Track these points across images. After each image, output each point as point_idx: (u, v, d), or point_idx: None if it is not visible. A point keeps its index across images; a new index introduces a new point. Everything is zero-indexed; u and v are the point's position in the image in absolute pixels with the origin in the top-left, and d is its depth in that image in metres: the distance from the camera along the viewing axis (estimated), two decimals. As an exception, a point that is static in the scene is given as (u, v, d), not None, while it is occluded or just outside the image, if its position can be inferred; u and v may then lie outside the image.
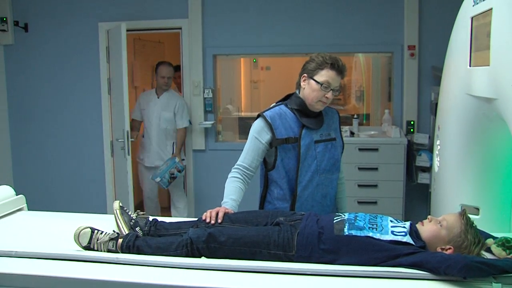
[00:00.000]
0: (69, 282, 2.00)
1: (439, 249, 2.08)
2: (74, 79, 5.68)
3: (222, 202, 2.60)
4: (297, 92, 2.76)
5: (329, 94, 2.63)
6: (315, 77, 2.64)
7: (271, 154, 2.71)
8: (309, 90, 2.66)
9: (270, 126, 2.66)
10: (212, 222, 2.36)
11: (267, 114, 2.71)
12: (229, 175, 2.70)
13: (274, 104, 2.82)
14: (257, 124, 2.71)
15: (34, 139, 5.84)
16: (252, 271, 2.01)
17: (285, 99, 2.81)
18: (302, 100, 2.70)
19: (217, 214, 2.40)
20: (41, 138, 5.82)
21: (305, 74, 2.69)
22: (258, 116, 2.73)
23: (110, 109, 5.56)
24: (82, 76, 5.66)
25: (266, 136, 2.67)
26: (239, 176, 2.67)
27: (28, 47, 5.71)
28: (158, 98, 5.30)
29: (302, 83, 2.70)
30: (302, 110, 2.70)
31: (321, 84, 2.62)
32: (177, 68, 5.75)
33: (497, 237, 2.19)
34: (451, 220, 2.12)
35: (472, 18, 2.37)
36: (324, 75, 2.62)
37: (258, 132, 2.69)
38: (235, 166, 2.71)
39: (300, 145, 2.66)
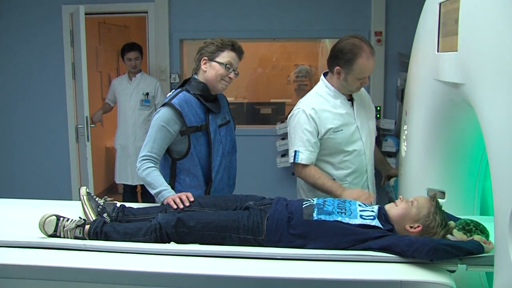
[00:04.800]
0: (35, 270, 1.97)
1: (408, 227, 2.13)
2: (38, 63, 5.52)
3: (160, 190, 2.52)
4: (195, 76, 2.74)
5: (232, 75, 2.68)
6: (217, 59, 2.66)
7: (182, 143, 2.65)
8: (212, 72, 2.66)
9: (180, 114, 2.60)
10: (181, 207, 2.35)
11: (175, 102, 2.63)
12: (144, 166, 2.58)
13: (174, 90, 2.77)
14: (165, 113, 2.61)
15: (-5, 124, 5.68)
16: (222, 256, 2.00)
17: (183, 85, 2.76)
18: (204, 84, 2.69)
19: (183, 199, 2.39)
20: (3, 124, 5.66)
21: (205, 58, 2.68)
22: (165, 104, 2.64)
23: (74, 94, 5.43)
24: (46, 60, 5.50)
25: (175, 126, 2.60)
26: (154, 166, 2.59)
27: (-13, 29, 5.53)
28: None
29: (203, 66, 2.69)
30: (204, 95, 2.69)
31: (225, 65, 2.64)
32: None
33: (459, 218, 2.24)
34: (422, 201, 2.19)
35: (440, 4, 2.38)
36: (225, 56, 2.67)
37: (167, 121, 2.59)
38: (145, 157, 2.59)
39: (210, 131, 2.66)
